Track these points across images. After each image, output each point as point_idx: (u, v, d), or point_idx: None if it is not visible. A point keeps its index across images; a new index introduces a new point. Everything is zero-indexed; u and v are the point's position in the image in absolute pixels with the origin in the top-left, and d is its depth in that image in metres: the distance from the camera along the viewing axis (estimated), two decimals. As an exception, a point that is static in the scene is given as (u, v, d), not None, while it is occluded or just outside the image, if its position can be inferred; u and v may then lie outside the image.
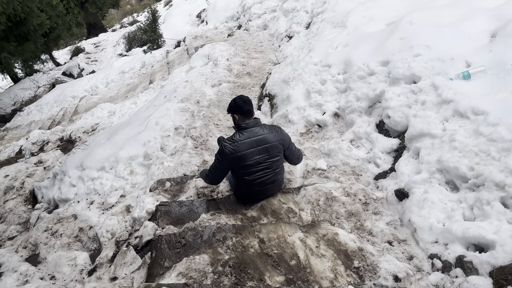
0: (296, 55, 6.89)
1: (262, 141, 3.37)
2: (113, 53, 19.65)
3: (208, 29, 13.36)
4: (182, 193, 4.12)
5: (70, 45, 25.76)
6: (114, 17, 35.49)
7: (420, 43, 4.33)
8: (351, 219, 3.30)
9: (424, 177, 3.19)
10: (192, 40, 12.67)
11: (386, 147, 3.96)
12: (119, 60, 15.39)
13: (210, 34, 12.75)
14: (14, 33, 13.27)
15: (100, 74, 13.52)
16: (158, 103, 7.11)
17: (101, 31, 26.58)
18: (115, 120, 8.43)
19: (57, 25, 17.38)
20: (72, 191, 4.76)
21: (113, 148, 5.15)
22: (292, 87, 5.58)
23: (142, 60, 12.67)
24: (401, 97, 4.05)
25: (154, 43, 14.86)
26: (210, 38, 12.33)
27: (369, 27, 5.73)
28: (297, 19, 8.95)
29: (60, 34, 18.10)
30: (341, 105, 4.85)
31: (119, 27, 27.51)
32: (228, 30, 12.60)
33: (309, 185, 3.72)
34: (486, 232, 2.54)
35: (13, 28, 12.93)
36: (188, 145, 5.10)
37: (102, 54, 20.61)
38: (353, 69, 4.87)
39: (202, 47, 9.84)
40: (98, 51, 21.24)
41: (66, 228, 4.22)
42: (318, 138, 4.85)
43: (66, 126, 9.48)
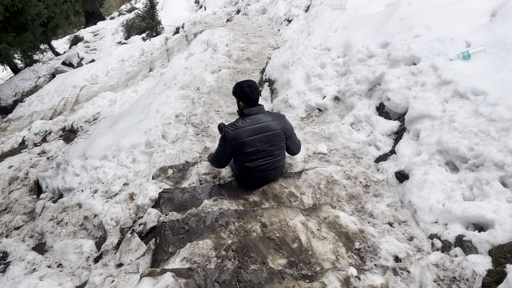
0: (296, 39, 6.85)
1: (264, 128, 3.37)
2: (112, 41, 19.55)
3: (206, 14, 13.25)
4: (184, 179, 4.15)
5: (69, 34, 25.60)
6: (112, 5, 35.12)
7: (420, 23, 4.29)
8: (352, 201, 3.33)
9: (424, 158, 3.20)
10: (191, 26, 12.57)
11: (386, 129, 3.96)
12: (118, 48, 15.31)
13: (209, 20, 12.64)
14: (12, 24, 13.17)
15: (100, 62, 13.48)
16: (158, 90, 7.10)
17: (99, 19, 26.35)
18: (116, 108, 8.44)
19: (55, 14, 17.23)
20: (76, 180, 4.80)
21: (115, 137, 5.17)
22: (292, 72, 5.56)
23: (141, 48, 12.61)
24: (401, 79, 4.04)
25: (153, 30, 14.76)
26: (209, 23, 12.23)
27: (368, 8, 5.67)
28: (296, 2, 8.87)
29: (58, 23, 17.95)
30: (341, 89, 4.84)
31: (117, 15, 27.26)
32: (227, 15, 12.49)
33: (310, 169, 3.74)
34: (485, 211, 2.56)
35: (11, 18, 12.84)
36: (189, 132, 5.12)
37: (101, 43, 20.49)
38: (353, 52, 4.84)
39: (201, 33, 9.78)
40: (97, 40, 21.10)
41: (71, 216, 4.27)
42: (319, 122, 4.85)
43: (67, 116, 9.50)
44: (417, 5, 4.63)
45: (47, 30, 16.66)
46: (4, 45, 12.10)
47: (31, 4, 13.07)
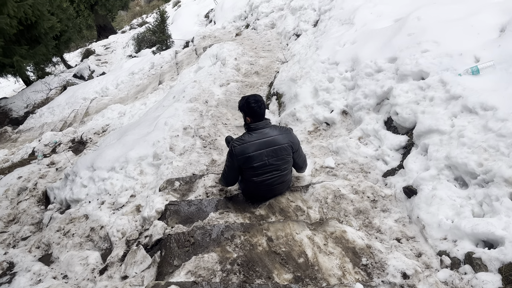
0: (304, 53, 6.90)
1: (271, 142, 3.37)
2: (123, 54, 19.83)
3: (216, 28, 13.41)
4: (191, 192, 4.15)
5: (81, 47, 26.08)
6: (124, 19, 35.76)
7: (428, 38, 4.30)
8: (359, 216, 3.29)
9: (433, 173, 3.17)
10: (201, 40, 12.72)
11: (394, 144, 3.94)
12: (129, 62, 15.52)
13: (218, 34, 12.78)
14: (26, 37, 13.47)
15: (110, 75, 13.65)
16: (167, 103, 7.16)
17: (111, 32, 26.81)
18: (125, 121, 8.52)
19: (67, 27, 17.59)
20: (83, 192, 4.83)
21: (123, 149, 5.21)
22: (299, 85, 5.58)
23: (151, 61, 12.77)
24: (409, 93, 4.03)
25: (163, 44, 14.96)
26: (218, 37, 12.37)
27: (376, 23, 5.70)
28: (305, 17, 8.94)
29: (70, 37, 18.31)
30: (349, 103, 4.84)
31: (128, 29, 27.73)
32: (236, 30, 12.62)
33: (317, 183, 3.72)
34: (495, 228, 2.52)
35: (25, 31, 13.13)
36: (196, 145, 5.13)
37: (112, 56, 20.80)
38: (361, 66, 4.85)
39: (210, 47, 9.88)
40: (108, 53, 21.44)
41: (78, 228, 4.28)
42: (326, 136, 4.85)
43: (77, 128, 9.61)
44: (425, 20, 4.64)
45: (59, 43, 17.00)
46: (17, 57, 12.34)
47: (45, 18, 13.37)
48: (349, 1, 7.38)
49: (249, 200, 3.70)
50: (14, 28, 10.82)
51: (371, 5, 6.49)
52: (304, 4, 9.44)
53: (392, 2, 6.23)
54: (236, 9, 13.45)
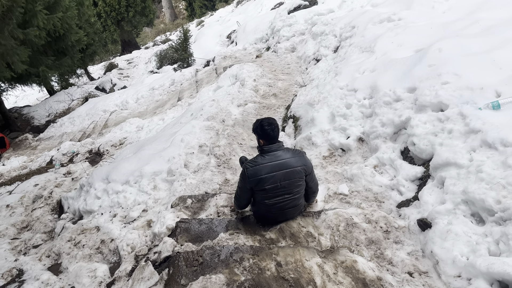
0: (323, 78, 6.93)
1: (284, 165, 3.37)
2: (145, 69, 20.27)
3: (237, 49, 13.62)
4: (202, 210, 4.15)
5: (105, 60, 26.78)
6: (148, 35, 36.70)
7: (449, 71, 4.28)
8: (371, 246, 3.23)
9: (449, 207, 3.11)
10: (221, 60, 12.93)
11: (410, 174, 3.89)
12: (150, 77, 15.85)
13: (239, 55, 12.98)
14: (53, 48, 13.92)
15: (131, 89, 13.93)
16: (184, 120, 7.25)
17: (135, 48, 27.51)
18: (142, 135, 8.64)
19: (93, 41, 18.14)
20: (97, 203, 4.87)
21: (139, 163, 5.26)
22: (317, 110, 5.60)
23: (172, 78, 13.00)
24: (427, 124, 3.99)
25: (185, 61, 15.24)
26: (238, 58, 12.55)
27: (397, 53, 5.72)
28: (325, 42, 9.02)
29: (96, 50, 18.86)
30: (365, 130, 4.82)
31: (152, 45, 28.41)
32: (257, 51, 12.80)
33: (330, 209, 3.68)
34: None
35: (52, 43, 13.58)
36: (211, 163, 5.16)
37: (134, 70, 21.27)
38: (379, 94, 4.85)
39: (230, 67, 10.03)
40: (130, 67, 21.94)
41: (89, 239, 4.31)
42: (341, 162, 4.82)
43: (95, 139, 9.77)
44: (447, 53, 4.64)
45: (85, 56, 17.51)
46: (43, 67, 12.73)
47: (72, 31, 13.82)
48: (370, 29, 7.43)
49: (260, 223, 3.68)
50: (42, 40, 11.21)
51: (392, 34, 6.52)
52: (326, 30, 9.54)
53: (414, 32, 6.26)
54: (258, 31, 13.68)
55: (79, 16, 15.86)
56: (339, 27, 8.97)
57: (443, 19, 6.47)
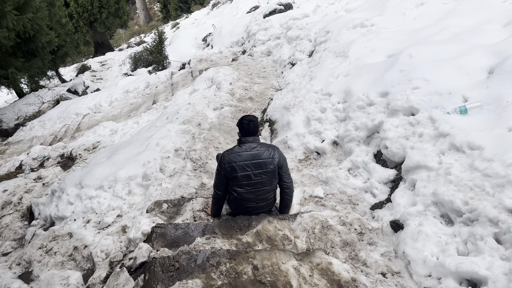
0: (298, 82, 7.01)
1: (256, 156, 3.60)
2: (119, 72, 19.94)
3: (213, 52, 13.59)
4: (178, 215, 4.13)
5: (77, 62, 26.18)
6: (122, 37, 36.12)
7: (419, 76, 4.43)
8: (345, 248, 3.30)
9: (419, 209, 3.21)
10: (197, 63, 12.87)
11: (383, 177, 3.99)
12: (124, 80, 15.59)
13: (215, 58, 12.96)
14: (22, 49, 13.51)
15: (105, 92, 13.68)
16: (160, 124, 7.18)
17: (108, 50, 27.03)
18: (116, 139, 8.50)
19: (65, 43, 17.70)
20: (69, 209, 4.77)
21: (113, 167, 5.19)
22: (292, 114, 5.66)
23: (147, 81, 12.84)
24: (399, 128, 4.11)
25: (160, 64, 15.08)
26: (214, 61, 12.53)
27: (370, 58, 5.86)
28: (301, 47, 9.13)
29: (67, 52, 18.40)
30: (340, 134, 4.92)
31: (126, 47, 27.98)
32: (233, 55, 12.82)
33: (306, 212, 3.74)
34: (479, 267, 2.54)
35: (22, 44, 13.18)
36: (187, 167, 5.14)
37: (108, 73, 20.90)
38: (353, 98, 4.95)
39: (206, 70, 10.00)
40: (104, 70, 21.54)
41: (61, 246, 4.21)
42: (316, 165, 4.89)
43: (67, 143, 9.54)
44: (417, 58, 4.79)
45: (56, 57, 17.08)
46: (12, 69, 12.34)
47: (43, 32, 13.46)
48: (344, 35, 7.57)
49: (234, 214, 3.83)
50: (11, 41, 10.86)
51: (365, 39, 6.67)
52: (301, 35, 9.65)
53: (386, 38, 6.42)
54: (234, 35, 13.69)
55: (50, 17, 15.45)
56: (314, 31, 9.09)
57: (414, 25, 6.68)
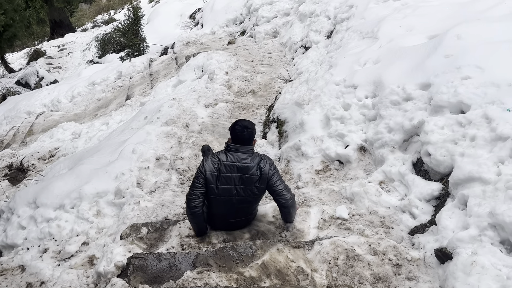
0: (314, 71, 7.05)
1: (244, 170, 3.88)
2: (82, 59, 20.04)
3: (203, 33, 13.67)
4: (161, 242, 4.15)
5: (28, 46, 26.29)
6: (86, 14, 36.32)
7: (470, 63, 4.44)
8: (378, 285, 3.31)
9: (473, 234, 3.21)
10: (183, 47, 12.94)
11: (425, 193, 3.99)
12: (89, 68, 15.67)
13: (206, 40, 13.03)
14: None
15: (64, 85, 13.75)
16: (136, 125, 7.22)
17: (68, 30, 27.15)
18: (80, 144, 8.54)
19: (13, 21, 17.80)
20: (21, 235, 4.79)
21: (77, 181, 5.22)
22: (307, 112, 5.69)
23: (119, 70, 12.92)
24: (444, 130, 4.12)
25: (135, 48, 15.16)
26: (205, 45, 12.60)
27: (406, 39, 5.88)
28: (316, 26, 9.18)
29: (16, 33, 18.50)
30: (368, 137, 4.93)
31: (91, 27, 28.14)
32: (229, 36, 12.89)
33: (326, 238, 3.74)
34: (551, 309, 2.54)
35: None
36: (172, 181, 5.16)
37: (68, 60, 21.02)
38: (385, 92, 4.97)
39: (195, 56, 10.06)
40: (63, 56, 21.66)
41: (10, 283, 4.23)
42: (339, 177, 4.90)
43: (17, 150, 9.58)
44: (467, 40, 4.81)
45: (1, 40, 17.16)
46: None
47: (-16, 9, 13.52)
48: (372, 10, 7.62)
49: (210, 225, 4.17)
50: None
51: (400, 16, 6.71)
52: (316, 10, 9.70)
53: (426, 14, 6.46)
54: (230, 10, 13.77)
55: (-6, -11, 15.60)
56: (333, 6, 9.14)
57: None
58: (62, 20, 27.54)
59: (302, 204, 4.56)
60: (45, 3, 25.35)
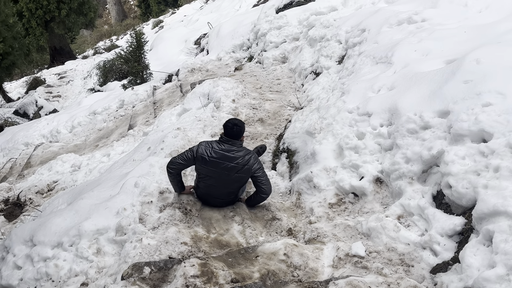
0: (325, 98, 7.08)
1: (230, 159, 4.93)
2: (83, 87, 20.27)
3: (209, 60, 13.82)
4: (165, 283, 4.11)
5: (27, 75, 26.68)
6: (87, 40, 36.99)
7: (491, 88, 4.45)
8: (398, 329, 3.24)
9: (500, 273, 3.15)
10: (188, 74, 13.07)
11: (447, 228, 3.95)
12: (90, 97, 15.83)
13: (212, 67, 13.16)
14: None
15: (64, 114, 13.88)
16: (139, 156, 7.24)
17: (69, 57, 27.58)
18: (80, 177, 8.56)
19: (12, 49, 18.08)
20: (17, 276, 4.77)
21: (76, 217, 5.21)
22: (319, 141, 5.70)
23: (121, 98, 13.04)
24: (466, 160, 4.10)
25: (138, 76, 15.32)
26: (211, 71, 12.72)
27: (422, 64, 5.91)
28: (327, 50, 9.25)
29: (15, 61, 18.77)
30: (384, 168, 4.91)
31: (92, 54, 28.57)
32: (236, 62, 13.01)
33: (341, 278, 3.69)
34: None
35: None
36: (176, 216, 5.14)
37: (68, 88, 21.27)
38: (401, 120, 4.97)
39: (200, 83, 10.14)
40: (62, 84, 21.94)
41: (5, 327, 4.18)
42: (354, 211, 4.87)
43: (13, 184, 9.62)
44: (487, 64, 4.81)
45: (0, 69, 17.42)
46: None
47: (-18, 36, 13.78)
48: (386, 34, 7.68)
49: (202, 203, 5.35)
50: None
51: (415, 40, 6.75)
52: (327, 34, 9.80)
53: (443, 37, 6.50)
54: (237, 36, 13.93)
55: (-8, 16, 15.91)
56: (345, 30, 9.22)
57: (480, 20, 6.76)
58: (63, 47, 28.01)
59: (315, 240, 4.53)
60: (45, 30, 25.86)
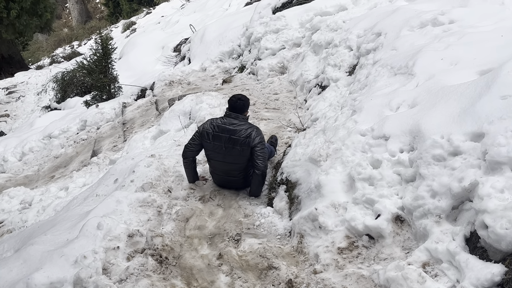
0: (332, 118, 7.08)
1: (232, 131, 6.16)
2: (36, 104, 20.26)
3: (191, 70, 13.85)
4: None
5: (-32, 90, 26.66)
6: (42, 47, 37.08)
7: (534, 105, 4.46)
8: None
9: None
10: (165, 88, 13.08)
11: (483, 278, 3.91)
12: (45, 117, 15.81)
13: (195, 79, 13.19)
14: None
15: (13, 138, 13.85)
16: (103, 191, 7.21)
17: (20, 68, 27.61)
18: (30, 216, 8.51)
19: (-51, 59, 18.13)
20: None
21: (24, 268, 5.16)
22: (325, 171, 5.68)
23: (83, 118, 13.04)
24: (505, 193, 4.08)
25: (104, 90, 15.32)
26: (194, 85, 12.75)
27: (450, 76, 5.91)
28: (335, 59, 9.26)
29: (-47, 74, 18.79)
30: (406, 204, 4.88)
31: (48, 63, 28.64)
32: (224, 73, 13.05)
33: None
34: None
35: None
36: (149, 265, 5.10)
37: (19, 106, 21.26)
38: (426, 144, 4.96)
39: (180, 99, 10.17)
40: (12, 101, 21.93)
41: None
42: (369, 258, 4.83)
43: (-52, 225, 9.56)
44: (529, 76, 4.84)
45: None
46: None
47: None
48: (406, 38, 7.71)
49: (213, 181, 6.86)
50: None
51: (441, 46, 6.77)
52: (335, 39, 9.84)
53: (475, 42, 6.52)
54: (226, 41, 13.98)
55: None
56: (356, 34, 9.27)
57: (520, 21, 6.81)
58: (12, 56, 28.05)
59: (321, 294, 4.48)
60: (-9, 35, 25.91)
